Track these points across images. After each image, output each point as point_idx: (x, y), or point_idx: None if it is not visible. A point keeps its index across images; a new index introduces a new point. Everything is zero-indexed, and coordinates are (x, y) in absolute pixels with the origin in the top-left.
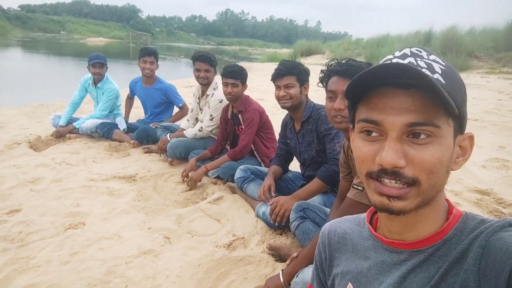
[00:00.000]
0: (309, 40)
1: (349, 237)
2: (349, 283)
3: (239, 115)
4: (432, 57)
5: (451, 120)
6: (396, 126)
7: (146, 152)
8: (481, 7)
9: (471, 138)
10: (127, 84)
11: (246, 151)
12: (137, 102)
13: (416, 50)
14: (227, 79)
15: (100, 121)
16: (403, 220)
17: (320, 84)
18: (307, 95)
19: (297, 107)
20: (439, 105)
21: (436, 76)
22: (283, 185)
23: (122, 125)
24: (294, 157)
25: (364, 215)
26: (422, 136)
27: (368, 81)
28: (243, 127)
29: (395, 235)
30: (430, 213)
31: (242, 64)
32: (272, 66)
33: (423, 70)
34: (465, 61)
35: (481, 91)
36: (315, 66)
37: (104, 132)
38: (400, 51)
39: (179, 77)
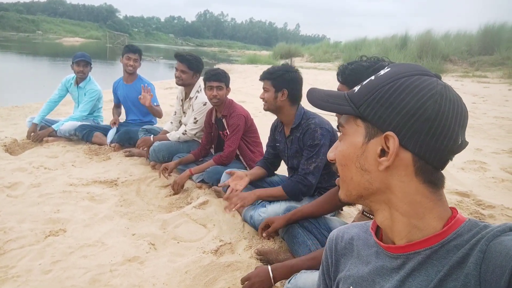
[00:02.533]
0: (288, 42)
1: (355, 243)
2: (351, 287)
3: (224, 120)
4: (384, 70)
5: (360, 121)
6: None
7: (127, 156)
8: (456, 12)
9: (386, 137)
10: (105, 84)
11: (232, 157)
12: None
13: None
14: (211, 82)
15: (79, 123)
16: (382, 223)
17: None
18: (287, 101)
19: (277, 112)
20: None
21: (356, 87)
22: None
23: (109, 138)
24: (282, 161)
25: (370, 223)
26: (341, 134)
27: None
28: (227, 131)
29: (390, 240)
30: (400, 217)
31: (222, 65)
32: (252, 68)
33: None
34: (440, 65)
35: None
36: None
37: (84, 134)
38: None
39: (158, 79)
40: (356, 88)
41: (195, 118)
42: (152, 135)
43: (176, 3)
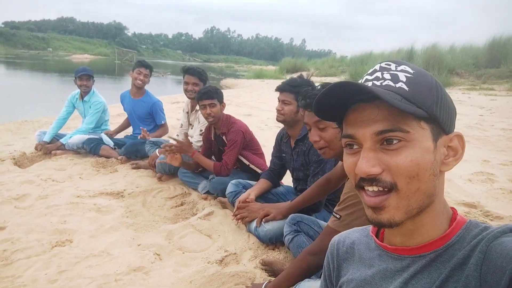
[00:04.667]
0: (294, 57)
1: (357, 247)
2: None
3: (223, 137)
4: (401, 67)
5: (424, 123)
6: (367, 136)
7: (134, 168)
8: (463, 26)
9: (459, 137)
10: (113, 99)
11: (229, 172)
12: None
13: (386, 64)
14: (203, 101)
15: (87, 136)
16: (402, 228)
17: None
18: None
19: (291, 125)
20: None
21: (399, 84)
22: (274, 200)
23: (109, 142)
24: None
25: (371, 227)
26: (394, 142)
27: (332, 101)
28: None
29: (398, 242)
30: (430, 219)
31: (229, 80)
32: (259, 83)
33: (386, 82)
34: (447, 78)
35: (464, 106)
36: None
37: (91, 147)
38: (372, 68)
39: (166, 94)
40: (404, 86)
41: (201, 130)
42: (158, 148)
43: (183, 20)
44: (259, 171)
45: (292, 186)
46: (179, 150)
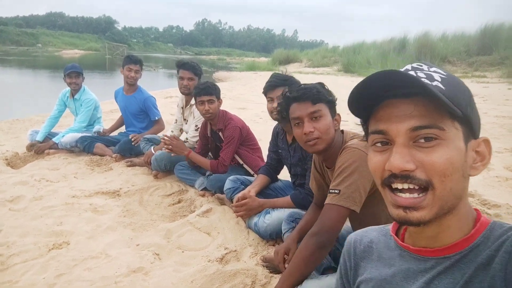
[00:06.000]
0: (286, 49)
1: (375, 246)
2: None
3: (220, 133)
4: (433, 69)
5: (457, 123)
6: (401, 132)
7: (129, 166)
8: (454, 14)
9: (486, 142)
10: (105, 95)
11: (226, 169)
12: None
13: (417, 65)
14: (201, 97)
15: (80, 134)
16: (428, 229)
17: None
18: None
19: (289, 120)
20: (441, 109)
21: (435, 83)
22: (273, 195)
23: (100, 128)
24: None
25: (390, 226)
26: (429, 139)
27: (369, 92)
28: None
29: (422, 243)
30: (455, 221)
31: (221, 73)
32: (252, 75)
33: (422, 79)
34: (439, 66)
35: None
36: (293, 74)
37: (85, 146)
38: (403, 68)
39: (158, 88)
40: (440, 85)
41: (196, 126)
42: (153, 145)
43: (174, 13)
44: (251, 171)
45: (290, 181)
46: (172, 150)
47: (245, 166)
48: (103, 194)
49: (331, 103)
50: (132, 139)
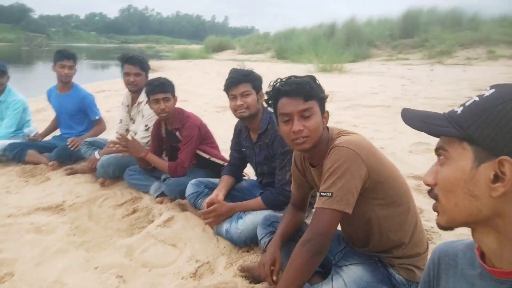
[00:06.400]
0: (218, 35)
1: (460, 261)
2: None
3: (177, 133)
4: (490, 91)
5: (466, 144)
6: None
7: (69, 174)
8: None
9: (504, 162)
10: (27, 93)
11: (185, 170)
12: None
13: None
14: (156, 95)
15: (8, 141)
16: (487, 248)
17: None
18: (262, 103)
19: (254, 117)
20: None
21: (458, 108)
22: (240, 196)
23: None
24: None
25: None
26: (441, 157)
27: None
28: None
29: (498, 263)
30: (506, 244)
31: (152, 62)
32: (186, 64)
33: (460, 107)
34: (367, 50)
35: (385, 78)
36: (228, 61)
37: (15, 154)
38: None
39: (86, 81)
40: (458, 110)
41: (146, 125)
42: (96, 149)
43: None
44: (222, 162)
45: (256, 179)
46: (127, 151)
47: (213, 159)
48: (45, 210)
49: (322, 100)
50: (70, 144)
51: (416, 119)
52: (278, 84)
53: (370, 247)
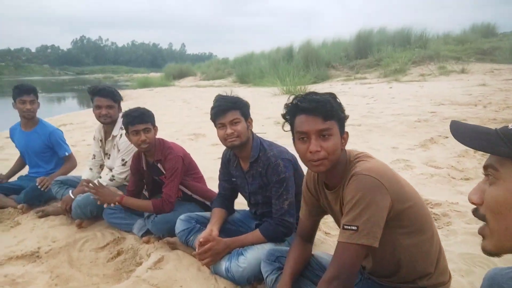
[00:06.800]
0: (177, 62)
1: None
2: None
3: (159, 165)
4: None
5: None
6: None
7: (41, 217)
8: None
9: None
10: None
11: (172, 205)
12: None
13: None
14: (135, 126)
15: None
16: None
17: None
18: (252, 130)
19: (245, 145)
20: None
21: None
22: (233, 229)
23: None
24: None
25: None
26: (490, 176)
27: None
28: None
29: None
30: None
31: None
32: (148, 92)
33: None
34: (325, 72)
35: (349, 97)
36: (191, 88)
37: None
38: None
39: (44, 116)
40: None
41: (123, 160)
42: (69, 188)
43: (46, 31)
44: (204, 200)
45: (248, 210)
46: (101, 200)
47: (195, 197)
48: (19, 259)
49: (342, 120)
50: (40, 184)
51: (468, 135)
52: (296, 100)
53: (395, 278)
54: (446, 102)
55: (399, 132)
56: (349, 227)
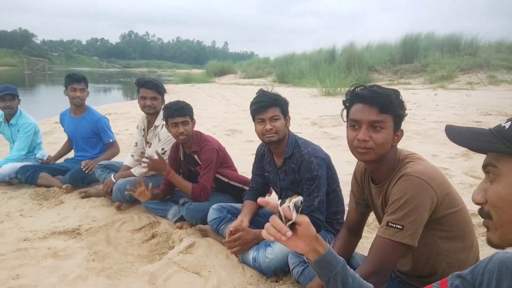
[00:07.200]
0: (219, 60)
1: None
2: None
3: (195, 156)
4: None
5: None
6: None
7: (83, 197)
8: (376, 25)
9: None
10: (34, 115)
11: (208, 196)
12: None
13: None
14: (175, 119)
15: (20, 164)
16: None
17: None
18: (288, 128)
19: (281, 141)
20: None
21: (506, 124)
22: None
23: (44, 155)
24: None
25: None
26: (490, 174)
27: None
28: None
29: None
30: None
31: None
32: (190, 88)
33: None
34: (368, 75)
35: None
36: (230, 86)
37: (27, 177)
38: None
39: (91, 105)
40: (506, 125)
41: (163, 149)
42: (111, 172)
43: (97, 26)
44: (241, 185)
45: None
46: (152, 168)
47: (232, 183)
48: (61, 234)
49: (398, 117)
50: (85, 167)
51: (462, 136)
52: (358, 88)
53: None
54: (494, 112)
55: (441, 140)
56: (394, 225)
